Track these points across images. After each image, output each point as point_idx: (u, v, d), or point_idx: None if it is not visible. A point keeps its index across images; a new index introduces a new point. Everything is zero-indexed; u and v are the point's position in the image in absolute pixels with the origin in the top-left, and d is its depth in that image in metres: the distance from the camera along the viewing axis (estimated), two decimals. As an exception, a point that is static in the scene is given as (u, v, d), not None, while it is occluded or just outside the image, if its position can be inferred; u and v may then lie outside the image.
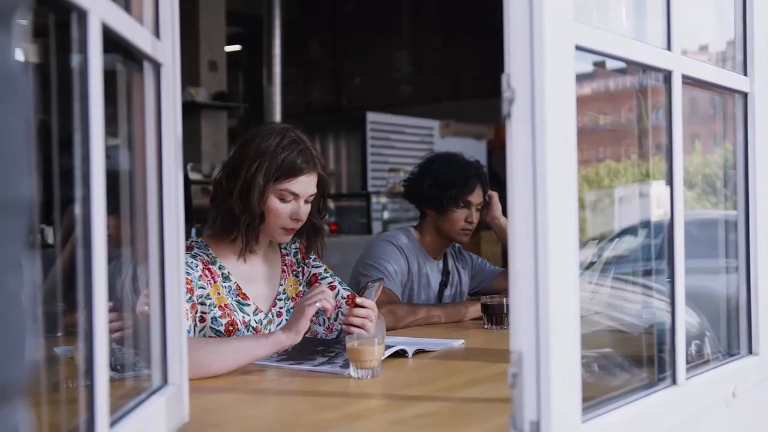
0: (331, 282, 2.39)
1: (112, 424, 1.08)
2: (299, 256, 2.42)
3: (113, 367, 1.26)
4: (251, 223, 2.18)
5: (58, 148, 1.06)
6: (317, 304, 1.99)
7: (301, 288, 2.38)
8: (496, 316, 2.64)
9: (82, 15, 0.99)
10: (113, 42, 1.12)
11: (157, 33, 1.34)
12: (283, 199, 2.19)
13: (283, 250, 2.40)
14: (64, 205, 1.09)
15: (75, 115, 1.01)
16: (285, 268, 2.37)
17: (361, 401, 1.72)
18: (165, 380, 1.37)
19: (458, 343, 2.36)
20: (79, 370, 1.45)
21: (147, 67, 1.33)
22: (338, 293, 2.34)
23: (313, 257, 2.44)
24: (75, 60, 1.01)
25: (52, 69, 1.05)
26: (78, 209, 1.01)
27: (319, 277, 2.41)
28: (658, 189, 1.92)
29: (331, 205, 7.79)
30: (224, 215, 2.19)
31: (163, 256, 1.37)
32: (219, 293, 2.18)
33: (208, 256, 2.21)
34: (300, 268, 2.41)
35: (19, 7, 0.61)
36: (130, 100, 1.34)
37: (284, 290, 2.35)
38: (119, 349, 1.46)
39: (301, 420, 1.55)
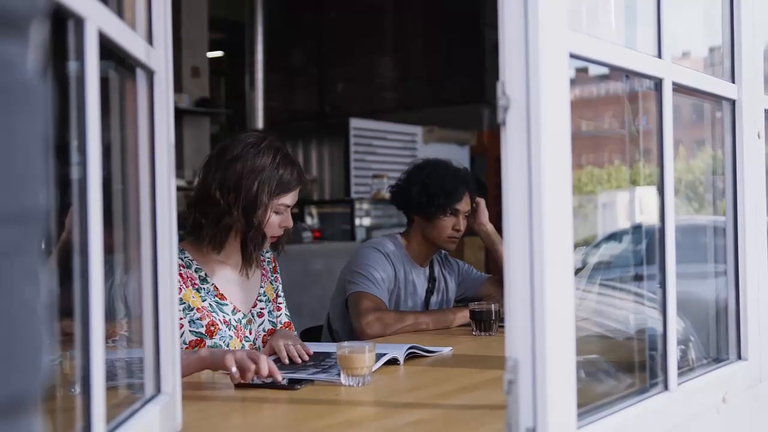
0: (281, 303, 2.50)
1: (108, 434, 1.07)
2: (271, 266, 2.50)
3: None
4: (256, 240, 2.26)
5: (53, 155, 1.05)
6: (233, 370, 1.84)
7: (275, 294, 2.47)
8: (485, 322, 2.64)
9: (79, 22, 0.98)
10: (107, 49, 1.11)
11: (150, 40, 1.34)
12: (278, 212, 2.28)
13: (260, 255, 2.47)
14: (59, 213, 1.08)
15: (71, 122, 1.00)
16: (264, 272, 2.46)
17: (354, 409, 1.71)
18: (158, 389, 1.36)
19: (447, 350, 2.36)
20: (68, 379, 1.44)
21: (140, 74, 1.33)
22: (262, 322, 2.39)
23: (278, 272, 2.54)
24: (71, 67, 1.01)
25: (47, 76, 1.04)
26: (74, 217, 1.00)
27: (278, 294, 2.51)
28: (642, 195, 1.93)
29: (314, 211, 7.77)
30: (224, 230, 2.25)
31: (156, 264, 1.36)
32: (194, 297, 2.23)
33: (182, 259, 2.25)
34: (273, 277, 2.50)
35: (35, 18, 0.61)
36: (123, 107, 1.34)
37: (264, 292, 2.43)
38: (110, 358, 1.45)
39: (295, 428, 1.55)
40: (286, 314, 2.50)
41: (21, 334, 0.56)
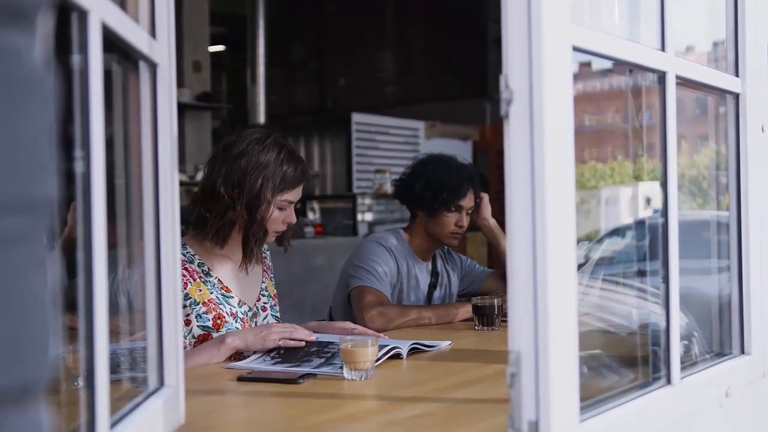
0: (274, 304, 2.50)
1: (112, 425, 1.07)
2: (270, 264, 2.53)
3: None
4: (258, 235, 2.28)
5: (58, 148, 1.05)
6: (280, 343, 2.09)
7: (274, 291, 2.50)
8: (487, 317, 2.64)
9: (83, 15, 0.98)
10: (110, 42, 1.11)
11: (153, 33, 1.34)
12: (280, 208, 2.30)
13: (261, 251, 2.49)
14: (62, 206, 1.08)
15: (75, 115, 1.00)
16: (265, 268, 2.48)
17: (357, 403, 1.71)
18: (161, 382, 1.36)
19: (446, 344, 2.36)
20: (71, 373, 1.44)
21: (143, 67, 1.32)
22: (266, 317, 2.42)
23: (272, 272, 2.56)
24: (75, 59, 1.00)
25: (53, 67, 1.04)
26: (78, 211, 1.00)
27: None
28: (646, 190, 1.93)
29: (316, 206, 7.77)
30: (228, 225, 2.27)
31: (159, 257, 1.36)
32: (201, 290, 2.25)
33: (185, 255, 2.26)
34: (272, 275, 2.53)
35: (42, 8, 0.61)
36: (126, 100, 1.34)
37: (266, 287, 2.45)
38: (113, 351, 1.46)
39: (297, 422, 1.55)
40: (275, 315, 2.51)
41: (29, 323, 0.57)
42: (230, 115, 9.23)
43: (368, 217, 7.52)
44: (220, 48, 10.35)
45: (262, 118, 8.75)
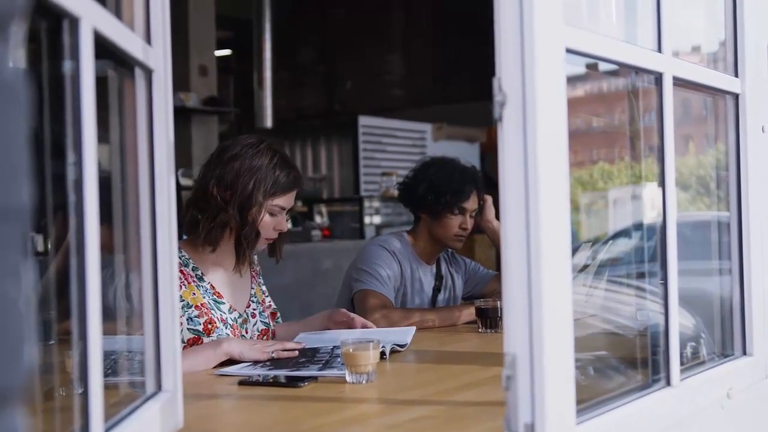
0: (269, 302, 2.54)
1: (107, 430, 1.07)
2: (258, 269, 2.55)
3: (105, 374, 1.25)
4: (250, 237, 2.29)
5: (49, 155, 1.06)
6: (273, 355, 2.12)
7: (263, 296, 2.52)
8: (490, 319, 2.64)
9: (74, 22, 0.99)
10: (104, 48, 1.12)
11: (148, 39, 1.34)
12: (272, 214, 2.32)
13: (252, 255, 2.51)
14: (56, 212, 1.09)
15: (67, 122, 1.00)
16: (254, 274, 2.50)
17: (357, 406, 1.71)
18: (159, 387, 1.36)
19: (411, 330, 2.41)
20: (70, 378, 1.45)
21: (138, 73, 1.33)
22: (256, 323, 2.44)
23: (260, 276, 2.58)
24: (66, 66, 1.01)
25: (43, 75, 1.05)
26: (71, 217, 1.00)
27: (266, 294, 2.56)
28: (651, 191, 1.93)
29: (324, 209, 7.77)
30: (219, 227, 2.28)
31: (156, 262, 1.37)
32: (194, 294, 2.27)
33: (180, 258, 2.27)
34: (261, 279, 2.55)
35: (16, 15, 0.62)
36: (122, 106, 1.34)
37: (254, 294, 2.47)
38: (111, 356, 1.46)
39: (297, 426, 1.55)
40: (265, 316, 2.53)
41: (3, 330, 0.57)
42: (237, 119, 9.23)
43: (376, 220, 7.52)
44: (226, 52, 10.35)
45: (269, 122, 8.75)
